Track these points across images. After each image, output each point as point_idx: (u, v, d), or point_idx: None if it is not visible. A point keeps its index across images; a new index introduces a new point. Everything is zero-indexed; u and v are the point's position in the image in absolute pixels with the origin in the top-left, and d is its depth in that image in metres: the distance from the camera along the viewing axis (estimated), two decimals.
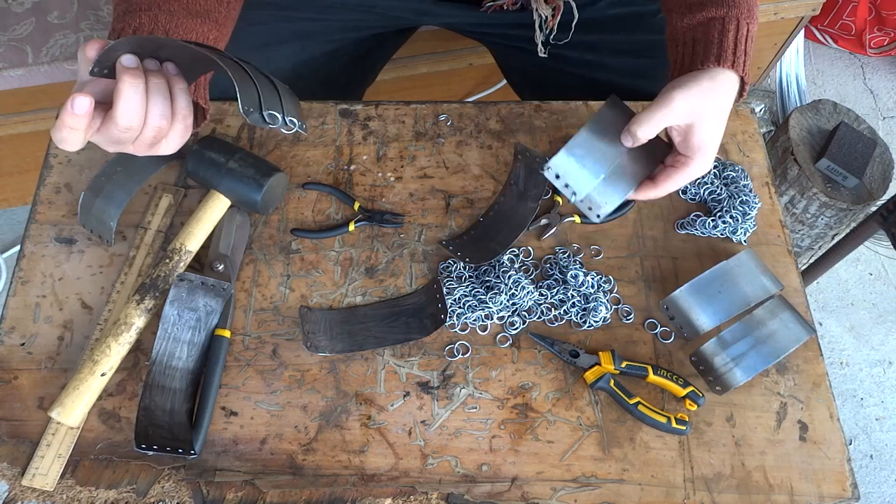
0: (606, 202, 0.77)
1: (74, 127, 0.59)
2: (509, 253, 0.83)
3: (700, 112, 0.70)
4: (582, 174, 0.76)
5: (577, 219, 0.86)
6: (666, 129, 0.75)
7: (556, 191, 0.88)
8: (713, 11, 0.74)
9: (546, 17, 0.91)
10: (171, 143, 0.65)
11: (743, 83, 0.75)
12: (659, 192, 0.75)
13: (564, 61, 1.00)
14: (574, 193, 0.76)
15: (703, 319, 0.76)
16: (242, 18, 0.82)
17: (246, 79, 0.63)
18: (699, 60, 0.73)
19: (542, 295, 0.81)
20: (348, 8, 0.98)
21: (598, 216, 0.77)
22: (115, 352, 0.73)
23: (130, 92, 0.59)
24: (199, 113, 0.73)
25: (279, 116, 0.64)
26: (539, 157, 0.84)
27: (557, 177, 0.76)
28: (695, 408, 0.75)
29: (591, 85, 1.00)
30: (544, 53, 0.95)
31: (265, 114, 0.63)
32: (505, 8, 0.98)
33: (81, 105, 0.57)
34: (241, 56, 0.93)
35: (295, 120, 0.66)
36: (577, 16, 0.91)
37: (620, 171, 0.76)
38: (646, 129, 0.71)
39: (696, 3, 0.75)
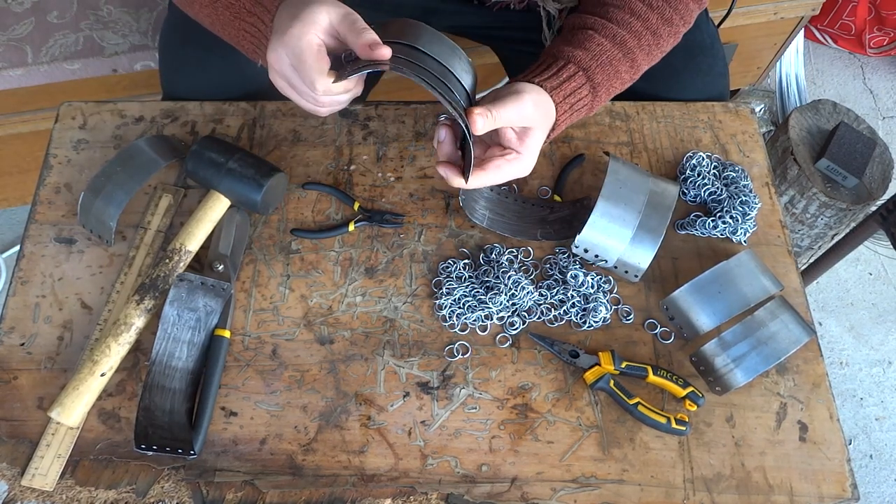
0: (640, 262, 0.79)
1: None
2: (508, 253, 0.83)
3: (538, 120, 0.73)
4: (609, 243, 0.79)
5: None
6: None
7: (555, 192, 0.88)
8: (574, 67, 0.76)
9: (553, 14, 0.91)
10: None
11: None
12: (486, 178, 0.73)
13: None
14: (606, 261, 0.80)
15: (703, 320, 0.76)
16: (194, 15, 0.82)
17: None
18: (546, 82, 0.75)
19: (541, 295, 0.81)
20: (355, 4, 0.98)
21: (637, 276, 0.81)
22: (115, 352, 0.73)
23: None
24: None
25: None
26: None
27: (586, 251, 0.80)
28: (694, 408, 0.75)
29: None
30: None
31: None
32: (512, 7, 0.98)
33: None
34: (244, 60, 0.93)
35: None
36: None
37: (643, 228, 0.78)
38: (496, 122, 0.70)
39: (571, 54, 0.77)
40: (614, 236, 0.78)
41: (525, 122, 0.72)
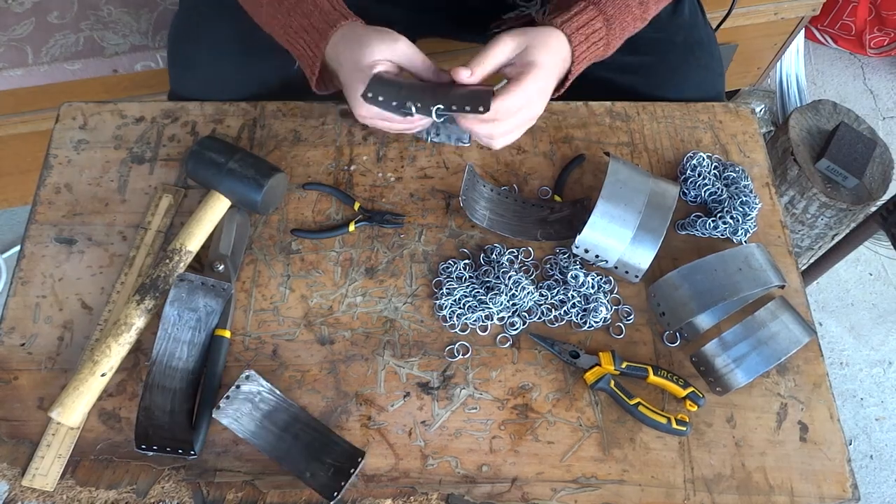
0: (640, 262, 0.79)
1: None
2: (508, 253, 0.83)
3: (529, 41, 0.74)
4: (609, 244, 0.79)
5: None
6: (502, 72, 0.78)
7: (556, 193, 0.88)
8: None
9: None
10: None
11: (566, 76, 0.79)
12: (497, 110, 0.72)
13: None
14: (606, 262, 0.81)
15: (691, 306, 0.75)
16: (260, 25, 0.83)
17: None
18: (555, 19, 0.77)
19: (542, 295, 0.81)
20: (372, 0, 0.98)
21: (637, 277, 0.81)
22: (115, 352, 0.73)
23: None
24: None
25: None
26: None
27: (587, 251, 0.80)
28: (695, 408, 0.75)
29: (591, 83, 1.00)
30: None
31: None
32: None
33: None
34: (254, 60, 0.93)
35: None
36: None
37: (644, 228, 0.78)
38: (478, 69, 0.73)
39: None
40: (614, 236, 0.78)
41: (509, 53, 0.74)
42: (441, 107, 0.72)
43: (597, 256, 0.80)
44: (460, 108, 0.71)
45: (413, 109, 0.73)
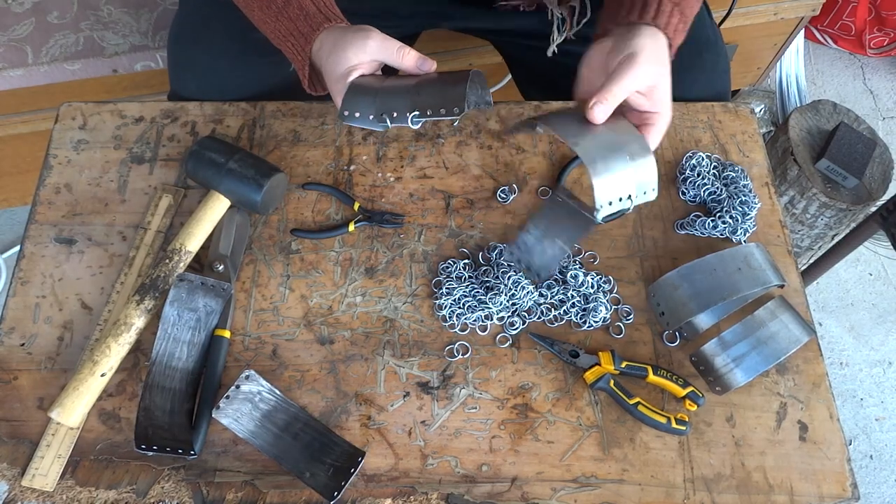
0: (648, 177, 0.69)
1: None
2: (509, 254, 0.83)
3: (658, 74, 0.72)
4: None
5: None
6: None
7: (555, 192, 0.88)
8: None
9: (563, 17, 0.92)
10: None
11: (669, 44, 0.76)
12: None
13: (573, 57, 1.00)
14: (629, 197, 0.69)
15: (691, 307, 0.75)
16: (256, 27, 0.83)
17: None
18: (634, 16, 0.74)
19: (541, 295, 0.81)
20: (367, 16, 0.98)
21: (654, 190, 0.70)
22: (115, 352, 0.73)
23: None
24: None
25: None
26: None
27: (611, 203, 0.68)
28: (695, 408, 0.75)
29: None
30: (553, 51, 0.96)
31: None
32: (521, 9, 0.98)
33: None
34: (254, 60, 0.93)
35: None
36: (588, 15, 0.92)
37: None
38: (616, 100, 0.70)
39: None
40: (617, 165, 0.68)
41: (647, 80, 0.71)
42: (417, 113, 0.71)
43: (620, 200, 0.69)
44: (435, 112, 0.70)
45: (388, 121, 0.71)
